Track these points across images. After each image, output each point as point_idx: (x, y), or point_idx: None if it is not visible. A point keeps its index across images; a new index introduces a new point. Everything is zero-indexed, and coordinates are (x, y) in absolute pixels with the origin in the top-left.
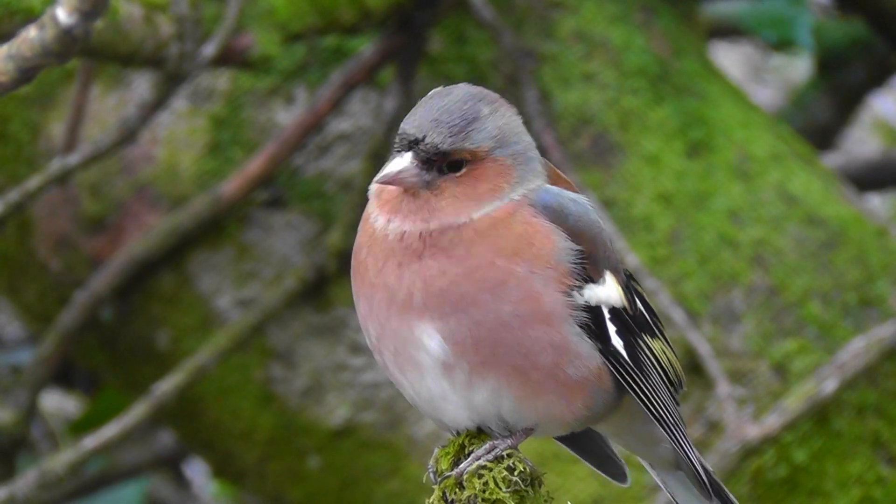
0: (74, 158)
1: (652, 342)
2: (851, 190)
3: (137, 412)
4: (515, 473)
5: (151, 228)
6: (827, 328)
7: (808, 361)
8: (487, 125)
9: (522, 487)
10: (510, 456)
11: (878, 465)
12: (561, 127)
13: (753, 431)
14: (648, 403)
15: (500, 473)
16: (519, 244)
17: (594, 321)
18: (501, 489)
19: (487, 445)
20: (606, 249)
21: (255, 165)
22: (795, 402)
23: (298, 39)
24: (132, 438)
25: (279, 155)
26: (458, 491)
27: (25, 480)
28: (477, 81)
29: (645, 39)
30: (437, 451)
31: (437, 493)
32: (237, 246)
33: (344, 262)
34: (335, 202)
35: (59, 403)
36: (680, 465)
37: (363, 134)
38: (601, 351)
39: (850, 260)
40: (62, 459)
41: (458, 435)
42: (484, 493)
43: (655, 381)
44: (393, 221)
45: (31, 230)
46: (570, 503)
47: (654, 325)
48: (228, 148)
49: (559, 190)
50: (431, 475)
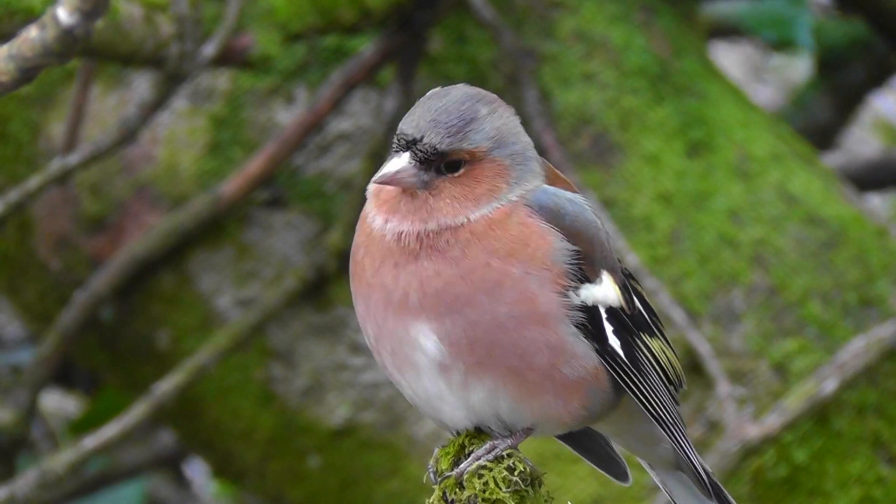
0: (74, 158)
1: (650, 341)
2: (851, 190)
3: (137, 412)
4: (515, 473)
5: (151, 228)
6: (827, 328)
7: (808, 361)
8: (485, 126)
9: (522, 487)
10: (510, 456)
11: (878, 464)
12: (561, 127)
13: (753, 431)
14: (646, 402)
15: (500, 473)
16: (514, 245)
17: (591, 321)
18: (501, 489)
19: (487, 445)
20: (603, 249)
21: (255, 165)
22: (795, 401)
23: (298, 39)
24: (132, 438)
25: (279, 155)
26: (458, 491)
27: (25, 480)
28: (477, 81)
29: (645, 39)
30: (437, 451)
31: (437, 493)
32: (237, 246)
33: (344, 261)
34: (335, 202)
35: (59, 403)
36: (679, 465)
37: (363, 134)
38: (598, 351)
39: (850, 260)
40: (62, 459)
41: (458, 435)
42: (484, 493)
43: (654, 380)
44: (391, 221)
45: (31, 230)
46: (570, 503)
47: (652, 324)
48: (228, 148)
49: (556, 190)
50: (431, 475)
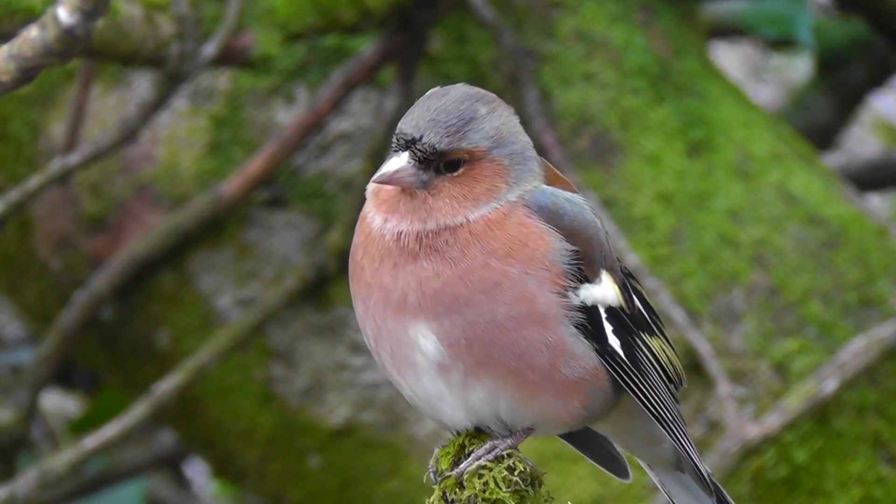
0: (75, 158)
1: (650, 340)
2: (852, 190)
3: (137, 412)
4: (515, 473)
5: (152, 228)
6: (827, 328)
7: (808, 361)
8: (484, 125)
9: (522, 487)
10: (510, 456)
11: (878, 464)
12: (561, 127)
13: (754, 431)
14: (646, 401)
15: (500, 473)
16: (513, 245)
17: (590, 321)
18: (501, 489)
19: (488, 445)
20: (603, 249)
21: (255, 165)
22: (796, 401)
23: (299, 39)
24: (132, 438)
25: (279, 154)
26: (458, 491)
27: (26, 480)
28: (477, 81)
29: (645, 39)
30: (437, 450)
31: (437, 492)
32: (237, 245)
33: (344, 261)
34: (335, 202)
35: (59, 403)
36: (679, 465)
37: (363, 133)
38: (598, 350)
39: (850, 260)
40: (62, 459)
41: (458, 435)
42: (484, 492)
43: (654, 379)
44: (390, 221)
45: (31, 230)
46: (570, 503)
47: (652, 323)
48: (229, 147)
49: (555, 190)
50: (432, 475)
